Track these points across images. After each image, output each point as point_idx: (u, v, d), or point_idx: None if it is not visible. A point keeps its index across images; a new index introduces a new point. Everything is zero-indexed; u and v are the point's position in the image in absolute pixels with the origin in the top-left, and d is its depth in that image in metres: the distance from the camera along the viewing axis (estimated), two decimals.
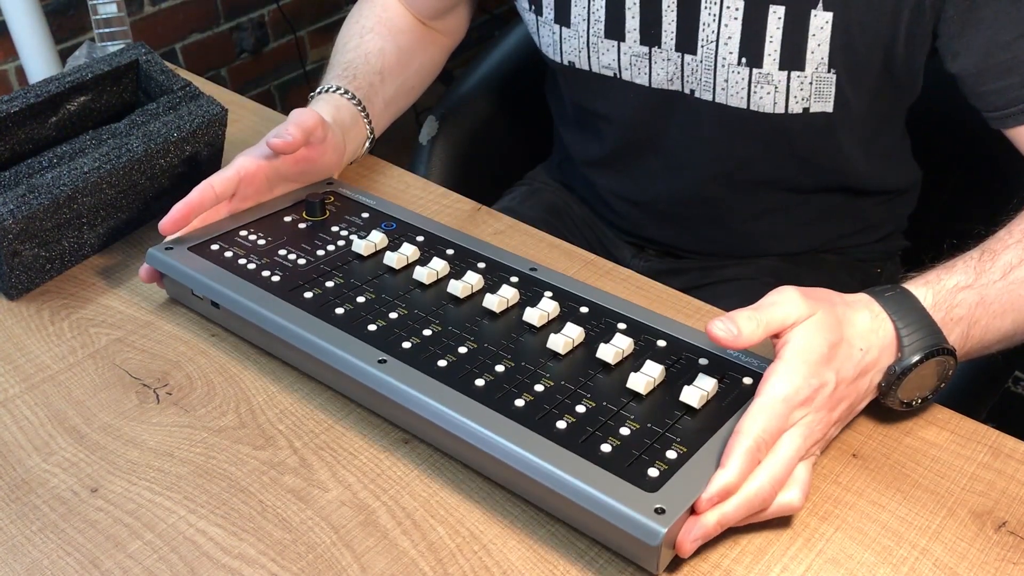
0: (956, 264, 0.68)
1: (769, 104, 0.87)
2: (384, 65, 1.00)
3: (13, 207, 0.74)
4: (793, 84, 0.85)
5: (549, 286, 0.74)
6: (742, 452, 0.56)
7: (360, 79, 0.96)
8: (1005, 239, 0.70)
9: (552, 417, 0.61)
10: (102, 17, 1.42)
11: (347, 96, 0.93)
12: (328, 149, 0.87)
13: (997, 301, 0.67)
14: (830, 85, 0.85)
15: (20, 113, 0.85)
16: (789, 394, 0.58)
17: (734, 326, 0.60)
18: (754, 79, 0.86)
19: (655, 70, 0.91)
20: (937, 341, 0.63)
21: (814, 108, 0.86)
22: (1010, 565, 0.58)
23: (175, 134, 0.85)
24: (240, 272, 0.74)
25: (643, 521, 0.54)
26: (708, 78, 0.88)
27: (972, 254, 0.70)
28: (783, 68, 0.84)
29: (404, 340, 0.67)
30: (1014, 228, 0.71)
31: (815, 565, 0.58)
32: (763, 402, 0.58)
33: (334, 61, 1.00)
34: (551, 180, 1.16)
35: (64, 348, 0.75)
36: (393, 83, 1.01)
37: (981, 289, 0.67)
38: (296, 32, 2.58)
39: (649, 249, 1.09)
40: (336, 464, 0.65)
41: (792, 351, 0.60)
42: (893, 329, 0.63)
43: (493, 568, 0.58)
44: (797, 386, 0.58)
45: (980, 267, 0.68)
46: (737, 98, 0.88)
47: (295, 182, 0.87)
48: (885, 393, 0.64)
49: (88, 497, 0.62)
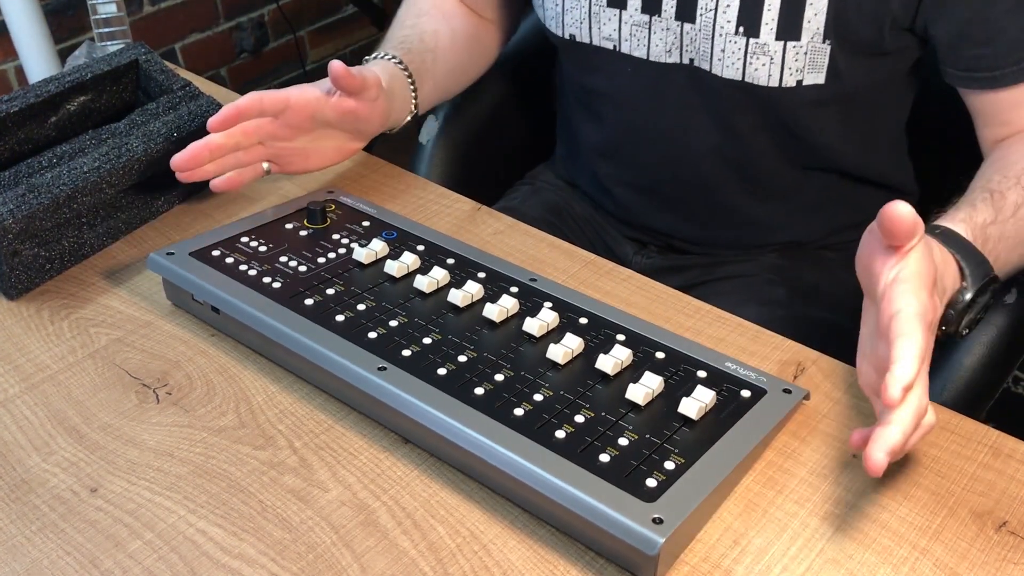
0: (976, 203, 0.74)
1: (764, 76, 0.88)
2: (438, 45, 1.02)
3: (13, 207, 0.74)
4: (788, 55, 0.86)
5: (549, 296, 0.74)
6: (916, 350, 0.55)
7: (414, 54, 0.98)
8: (1004, 182, 0.77)
9: (551, 427, 0.61)
10: (102, 17, 1.42)
11: (400, 67, 0.95)
12: (376, 111, 0.89)
13: (1012, 236, 0.74)
14: (824, 56, 0.86)
15: (20, 113, 0.85)
16: (921, 312, 0.58)
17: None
18: (750, 49, 0.87)
19: (654, 40, 0.92)
20: (988, 270, 0.69)
21: (807, 81, 0.88)
22: (1010, 565, 0.58)
23: (175, 134, 0.85)
24: (241, 278, 0.74)
25: (641, 531, 0.54)
26: (706, 47, 0.89)
27: (982, 195, 0.76)
28: (780, 38, 0.86)
29: (404, 348, 0.67)
30: (1007, 172, 0.79)
31: (815, 565, 0.58)
32: (911, 312, 0.57)
33: (390, 35, 1.02)
34: (553, 178, 1.17)
35: (64, 348, 0.75)
36: (445, 64, 1.03)
37: (1001, 225, 0.73)
38: (296, 32, 2.58)
39: (651, 244, 1.09)
40: (336, 464, 0.65)
41: (910, 272, 0.60)
42: (955, 262, 0.68)
43: (493, 568, 0.58)
44: (926, 305, 0.59)
45: (996, 206, 0.74)
46: (733, 69, 0.89)
47: (333, 136, 0.89)
48: (951, 321, 0.68)
49: (88, 497, 0.62)
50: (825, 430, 0.67)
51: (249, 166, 0.85)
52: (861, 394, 0.70)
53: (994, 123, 0.86)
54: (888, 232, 0.59)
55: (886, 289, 0.59)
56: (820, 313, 0.97)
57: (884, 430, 0.54)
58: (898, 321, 0.57)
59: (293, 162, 0.88)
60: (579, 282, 0.82)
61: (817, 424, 0.68)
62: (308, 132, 0.86)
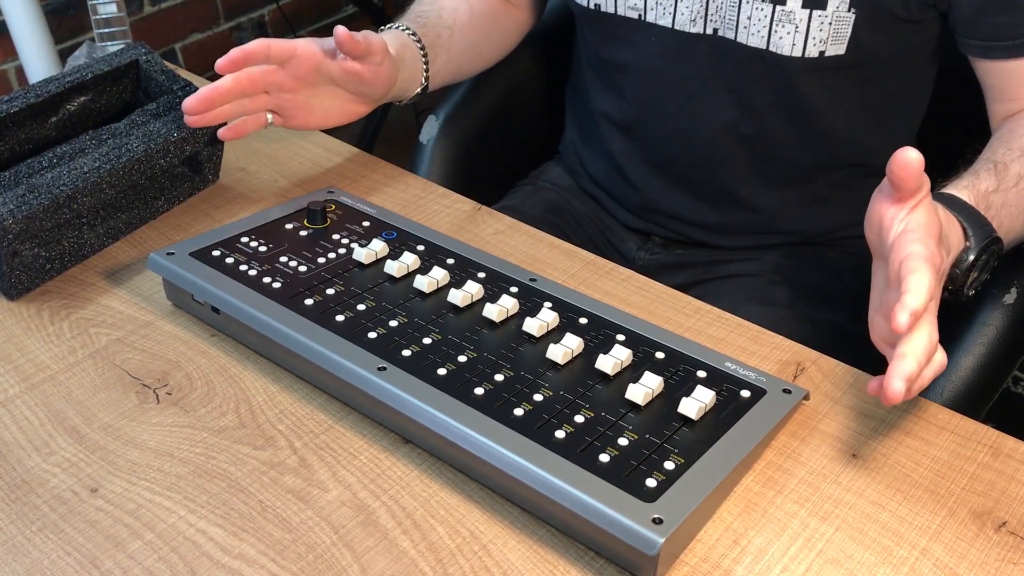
0: (980, 173, 0.77)
1: (788, 45, 0.89)
2: (456, 22, 1.02)
3: (13, 207, 0.74)
4: (813, 24, 0.87)
5: (549, 296, 0.74)
6: (925, 283, 0.58)
7: (429, 28, 0.99)
8: (1008, 154, 0.80)
9: (551, 427, 0.61)
10: (102, 17, 1.42)
11: (414, 39, 0.96)
12: (381, 76, 0.90)
13: (1014, 205, 0.77)
14: (847, 25, 0.87)
15: (20, 113, 0.85)
16: (929, 256, 0.60)
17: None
18: (776, 17, 0.88)
19: (680, 8, 0.93)
20: (990, 231, 0.72)
21: (829, 51, 0.89)
22: (1010, 565, 0.58)
23: (175, 134, 0.85)
24: (241, 278, 0.74)
25: (641, 531, 0.54)
26: (732, 15, 0.91)
27: (987, 166, 0.78)
28: (806, 6, 0.87)
29: (404, 348, 0.67)
30: (1012, 144, 0.81)
31: (815, 565, 0.58)
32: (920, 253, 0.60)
33: (409, 10, 1.03)
34: (555, 177, 1.17)
35: (64, 348, 0.75)
36: (462, 42, 1.03)
37: (1004, 193, 0.76)
38: (296, 32, 2.58)
39: (655, 236, 1.09)
40: (336, 464, 0.65)
41: (917, 223, 0.62)
42: (959, 224, 0.71)
43: (493, 568, 0.58)
44: (933, 251, 0.61)
45: (999, 175, 0.77)
46: (758, 37, 0.90)
47: (338, 95, 0.90)
48: (956, 280, 0.70)
49: (88, 497, 0.62)
50: (825, 430, 0.67)
51: (253, 115, 0.88)
52: (861, 394, 0.70)
53: (1006, 98, 0.88)
54: (898, 179, 0.61)
55: (895, 240, 0.62)
56: (821, 314, 0.97)
57: (899, 362, 0.58)
58: (908, 262, 0.60)
59: (296, 115, 0.90)
60: (579, 282, 0.82)
61: (817, 424, 0.68)
62: (312, 86, 0.88)
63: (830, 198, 1.02)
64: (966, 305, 0.90)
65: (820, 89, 0.93)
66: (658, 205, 1.07)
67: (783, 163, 0.99)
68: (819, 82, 0.92)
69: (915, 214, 0.63)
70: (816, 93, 0.93)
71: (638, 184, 1.07)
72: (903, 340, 0.59)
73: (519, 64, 1.23)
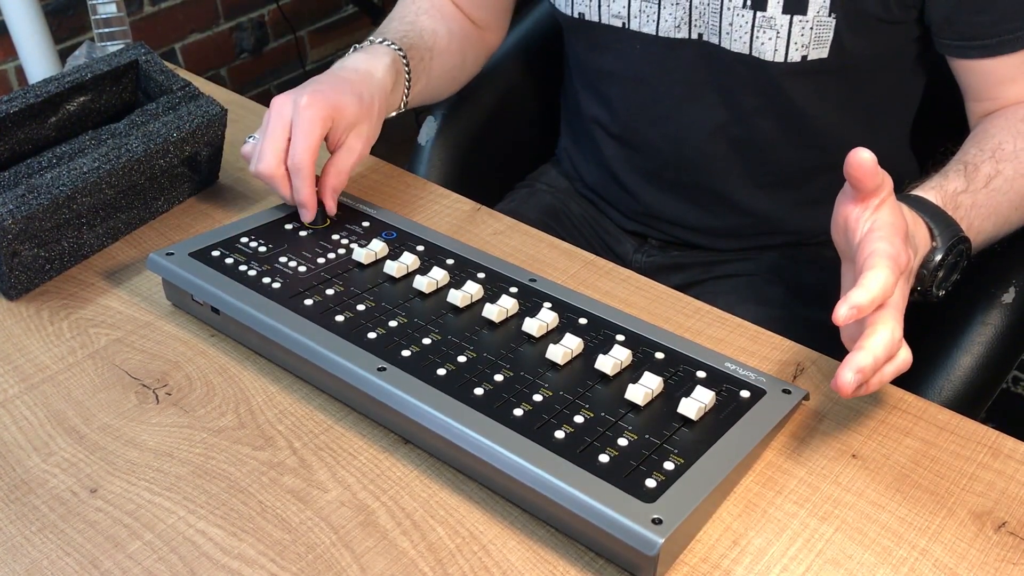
0: (949, 174, 0.78)
1: (770, 50, 0.89)
2: (436, 45, 1.02)
3: (13, 207, 0.74)
4: (795, 29, 0.87)
5: (548, 297, 0.74)
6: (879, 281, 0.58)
7: (413, 50, 0.97)
8: (979, 155, 0.80)
9: (550, 427, 0.61)
10: (102, 17, 1.42)
11: (404, 61, 0.95)
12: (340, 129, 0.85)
13: (984, 205, 0.77)
14: (829, 30, 0.87)
15: (20, 113, 0.85)
16: (893, 254, 0.61)
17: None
18: (757, 23, 0.88)
19: (663, 15, 0.93)
20: (957, 231, 0.72)
21: (812, 55, 0.89)
22: (1010, 565, 0.58)
23: (175, 134, 0.85)
24: (240, 278, 0.74)
25: (640, 531, 0.54)
26: (714, 21, 0.91)
27: (956, 167, 0.79)
28: (787, 11, 0.87)
29: (404, 348, 0.67)
30: (983, 145, 0.82)
31: (815, 565, 0.58)
32: (881, 251, 0.60)
33: (387, 28, 1.01)
34: (552, 180, 1.17)
35: (64, 348, 0.75)
36: (440, 66, 1.02)
37: (973, 194, 0.77)
38: (296, 32, 2.58)
39: (652, 239, 1.09)
40: (336, 464, 0.65)
41: (883, 222, 0.63)
42: (925, 224, 0.71)
43: (493, 568, 0.58)
44: (899, 249, 0.61)
45: (968, 176, 0.78)
46: (740, 43, 0.90)
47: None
48: (924, 280, 0.70)
49: (87, 497, 0.62)
50: (825, 430, 0.67)
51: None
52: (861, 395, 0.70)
53: (983, 97, 0.88)
54: (855, 180, 0.62)
55: (861, 239, 0.63)
56: (820, 314, 0.97)
57: (853, 354, 0.58)
58: (870, 259, 0.60)
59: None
60: (578, 282, 0.82)
61: (817, 424, 0.68)
62: None
63: (824, 200, 1.02)
64: (965, 305, 0.90)
65: (807, 92, 0.93)
66: (653, 210, 1.07)
67: (775, 165, 0.99)
68: (805, 85, 0.92)
69: (880, 213, 0.63)
70: (803, 96, 0.93)
71: (632, 189, 1.07)
72: (864, 335, 0.60)
73: (518, 66, 1.23)
